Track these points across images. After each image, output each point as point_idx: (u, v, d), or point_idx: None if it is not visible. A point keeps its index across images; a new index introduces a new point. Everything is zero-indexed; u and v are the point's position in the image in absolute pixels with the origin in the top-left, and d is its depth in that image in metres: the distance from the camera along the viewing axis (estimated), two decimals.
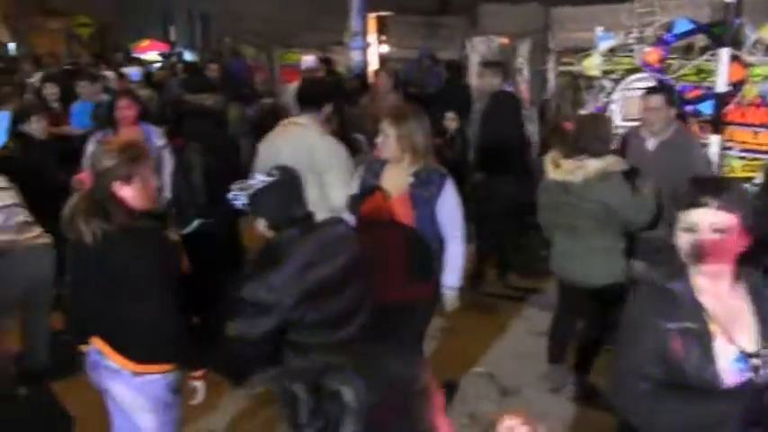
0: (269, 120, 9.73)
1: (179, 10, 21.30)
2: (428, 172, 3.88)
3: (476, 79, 9.09)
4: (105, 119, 6.10)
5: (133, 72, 11.38)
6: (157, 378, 3.05)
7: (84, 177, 2.92)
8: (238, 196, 2.95)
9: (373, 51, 12.23)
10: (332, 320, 2.96)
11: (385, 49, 13.17)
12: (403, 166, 3.87)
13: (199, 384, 3.13)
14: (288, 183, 2.99)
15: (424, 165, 3.88)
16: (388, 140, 3.83)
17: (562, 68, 8.24)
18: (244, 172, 7.05)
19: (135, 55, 18.63)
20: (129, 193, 2.95)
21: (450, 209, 3.94)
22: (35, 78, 10.18)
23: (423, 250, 3.87)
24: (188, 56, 18.84)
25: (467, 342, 5.68)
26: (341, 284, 2.99)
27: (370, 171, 4.02)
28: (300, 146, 4.33)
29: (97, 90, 8.07)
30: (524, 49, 9.71)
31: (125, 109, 5.91)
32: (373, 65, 12.04)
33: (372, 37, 12.17)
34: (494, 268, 7.05)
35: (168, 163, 5.77)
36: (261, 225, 2.97)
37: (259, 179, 2.93)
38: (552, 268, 4.87)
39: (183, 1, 20.66)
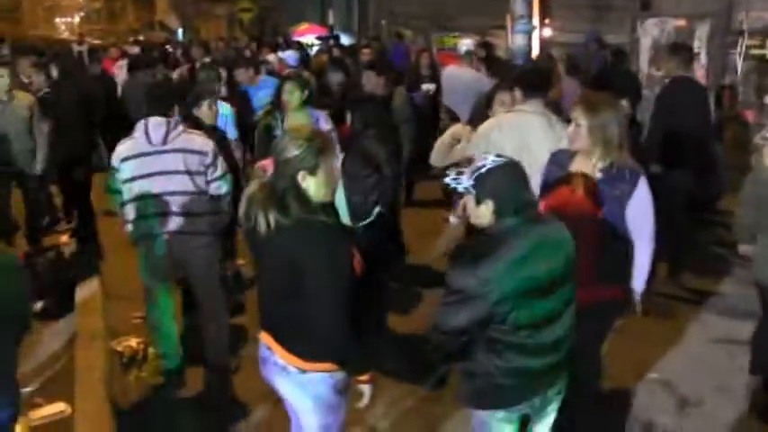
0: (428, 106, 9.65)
1: None
2: (619, 168, 3.60)
3: (648, 64, 8.58)
4: (276, 102, 6.16)
5: (290, 56, 11.51)
6: (324, 377, 2.95)
7: (266, 164, 2.86)
8: (459, 179, 2.79)
9: (535, 35, 11.80)
10: (537, 321, 2.78)
11: (548, 32, 12.70)
12: (592, 159, 3.60)
13: (366, 388, 2.99)
14: (517, 165, 2.82)
15: (616, 159, 3.59)
16: (580, 130, 3.57)
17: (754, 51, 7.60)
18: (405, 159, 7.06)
19: (294, 38, 19.01)
20: (311, 184, 2.86)
21: (642, 210, 3.64)
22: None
23: (612, 251, 3.61)
24: (344, 39, 19.07)
25: (639, 345, 5.31)
26: (552, 284, 2.80)
27: (556, 162, 3.78)
28: (537, 134, 4.25)
29: (253, 75, 8.20)
30: (703, 31, 9.07)
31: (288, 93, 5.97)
32: (535, 50, 11.64)
33: (535, 20, 11.74)
34: (666, 267, 6.61)
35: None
36: (481, 210, 2.78)
37: (489, 159, 2.77)
38: (756, 274, 4.49)
39: None
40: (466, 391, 3.01)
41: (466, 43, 10.54)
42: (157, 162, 4.50)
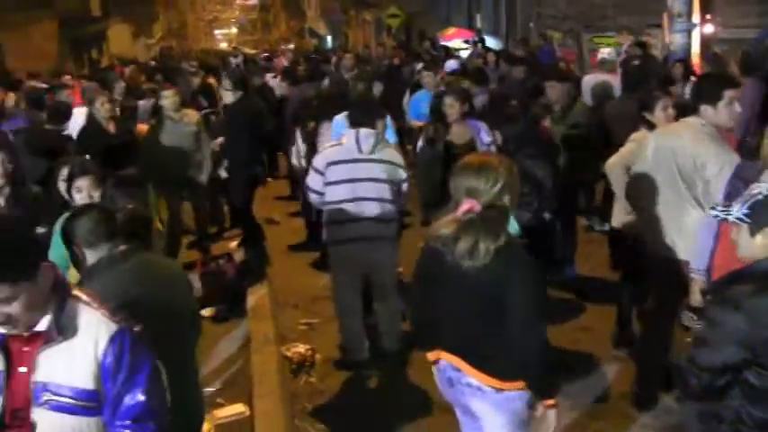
0: None
1: None
2: None
3: None
4: (437, 112, 6.23)
5: (450, 64, 11.59)
6: (521, 395, 3.03)
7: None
8: (728, 209, 2.58)
9: (695, 33, 11.27)
10: None
11: (709, 29, 12.10)
12: None
13: (552, 413, 3.02)
14: None
15: None
16: None
17: None
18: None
19: (441, 43, 19.11)
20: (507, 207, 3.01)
21: None
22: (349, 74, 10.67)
23: None
24: (491, 42, 18.98)
25: None
26: None
27: (740, 177, 3.53)
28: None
29: (439, 82, 8.30)
30: None
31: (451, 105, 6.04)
32: (695, 48, 11.15)
33: (695, 17, 11.22)
34: None
35: None
36: (757, 242, 2.52)
37: (764, 186, 2.57)
38: None
39: None
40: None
41: (606, 52, 10.04)
42: (365, 169, 4.97)
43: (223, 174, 7.98)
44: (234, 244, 8.10)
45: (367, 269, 5.21)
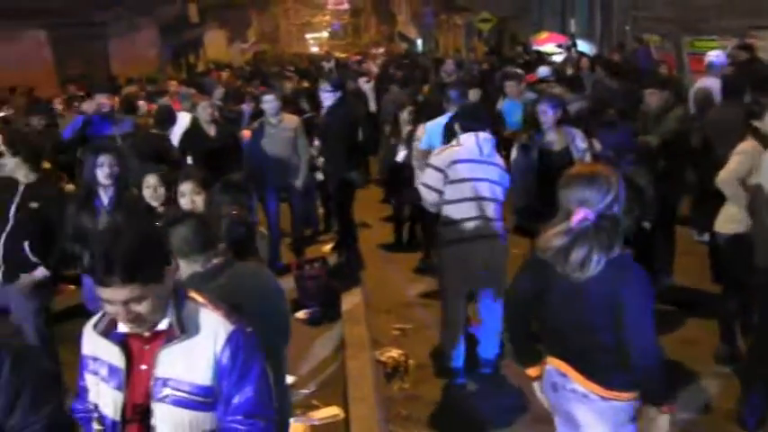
0: None
1: (580, 1, 21.20)
2: None
3: None
4: (532, 119, 6.18)
5: (543, 70, 11.45)
6: (627, 405, 3.00)
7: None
8: None
9: None
10: None
11: None
12: None
13: (665, 419, 2.98)
14: None
15: None
16: None
17: None
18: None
19: (533, 47, 18.90)
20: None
21: None
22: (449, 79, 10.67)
23: None
24: (584, 47, 18.65)
25: None
26: None
27: None
28: None
29: (522, 90, 8.24)
30: None
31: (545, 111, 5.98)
32: None
33: None
34: None
35: None
36: None
37: None
38: None
39: None
40: None
41: (714, 55, 9.58)
42: (485, 170, 5.11)
43: (319, 176, 8.14)
44: (328, 247, 8.23)
45: (482, 269, 5.18)
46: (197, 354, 2.35)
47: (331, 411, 5.01)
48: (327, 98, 7.40)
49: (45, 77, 19.03)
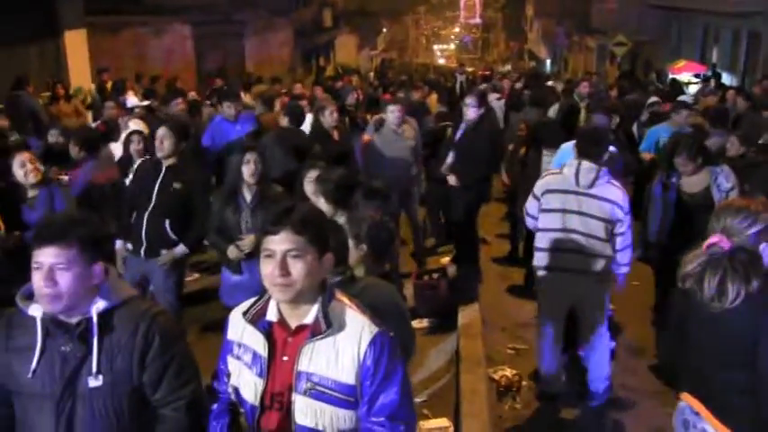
0: None
1: (724, 29, 20.38)
2: None
3: None
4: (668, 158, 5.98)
5: (683, 98, 11.09)
6: None
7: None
8: None
9: None
10: None
11: None
12: None
13: None
14: None
15: None
16: None
17: None
18: None
19: (670, 76, 18.33)
20: None
21: None
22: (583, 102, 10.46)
23: None
24: (726, 78, 17.92)
25: None
26: None
27: None
28: None
29: (683, 121, 7.96)
30: None
31: None
32: None
33: None
34: None
35: None
36: None
37: None
38: None
39: (729, 20, 19.61)
40: None
41: None
42: (578, 203, 4.88)
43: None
44: (446, 259, 8.25)
45: (572, 301, 5.13)
46: (341, 351, 2.40)
47: (441, 423, 5.02)
48: (471, 112, 7.42)
49: (186, 70, 19.95)
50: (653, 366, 5.80)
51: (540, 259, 5.12)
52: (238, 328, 2.58)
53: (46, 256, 2.47)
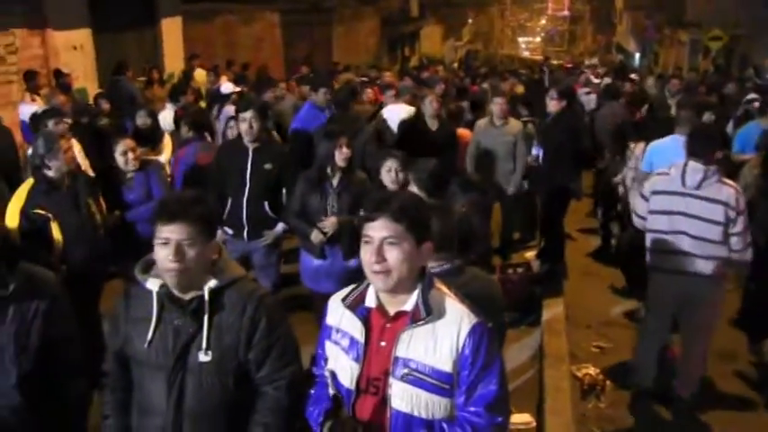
0: None
1: None
2: None
3: None
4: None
5: None
6: None
7: None
8: None
9: None
10: None
11: None
12: None
13: None
14: None
15: None
16: None
17: None
18: None
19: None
20: None
21: None
22: (673, 99, 10.16)
23: None
24: None
25: None
26: None
27: None
28: None
29: None
30: None
31: None
32: None
33: None
34: None
35: None
36: None
37: None
38: None
39: None
40: None
41: None
42: (685, 204, 4.77)
43: (524, 185, 8.09)
44: (531, 254, 8.20)
45: (680, 302, 5.01)
46: (439, 339, 2.44)
47: (523, 418, 5.02)
48: (554, 105, 7.35)
49: (274, 57, 20.29)
50: (740, 371, 5.68)
51: (651, 259, 5.07)
52: (337, 314, 2.65)
53: (172, 233, 2.60)
